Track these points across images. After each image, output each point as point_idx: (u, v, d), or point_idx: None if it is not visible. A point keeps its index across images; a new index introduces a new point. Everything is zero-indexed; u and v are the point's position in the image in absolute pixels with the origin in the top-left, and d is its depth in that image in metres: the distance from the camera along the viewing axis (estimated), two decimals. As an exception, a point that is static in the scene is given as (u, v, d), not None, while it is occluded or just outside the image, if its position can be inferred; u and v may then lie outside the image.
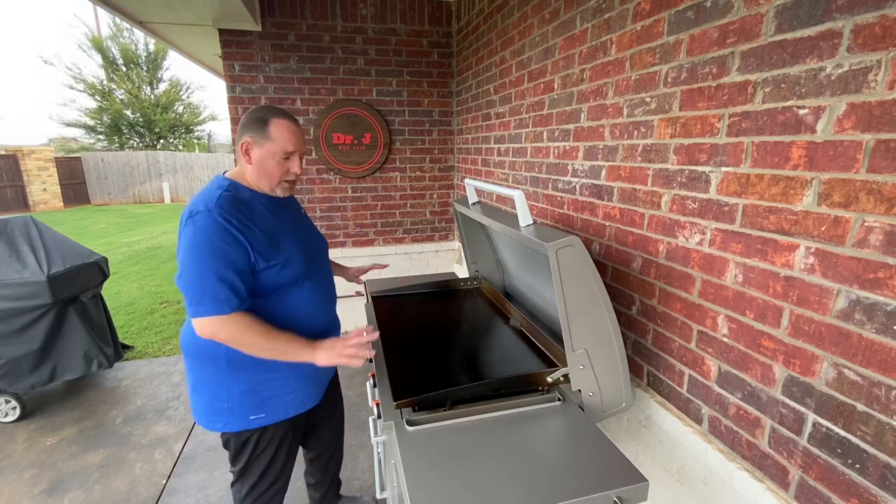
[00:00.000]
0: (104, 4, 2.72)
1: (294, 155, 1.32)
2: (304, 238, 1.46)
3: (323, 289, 1.49)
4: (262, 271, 1.26)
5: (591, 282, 1.20)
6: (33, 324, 2.64)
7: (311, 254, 1.46)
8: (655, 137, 1.35)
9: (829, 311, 0.91)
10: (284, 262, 1.30)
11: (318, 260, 1.52)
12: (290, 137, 1.29)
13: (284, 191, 1.37)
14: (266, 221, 1.30)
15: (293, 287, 1.36)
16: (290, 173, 1.34)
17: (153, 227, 10.30)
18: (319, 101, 3.36)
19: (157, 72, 17.36)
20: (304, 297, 1.39)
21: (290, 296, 1.36)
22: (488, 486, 0.99)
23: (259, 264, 1.24)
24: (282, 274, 1.30)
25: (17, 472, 2.31)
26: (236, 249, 1.19)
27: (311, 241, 1.51)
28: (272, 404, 1.40)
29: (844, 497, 0.91)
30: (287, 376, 1.40)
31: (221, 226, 1.17)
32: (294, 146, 1.31)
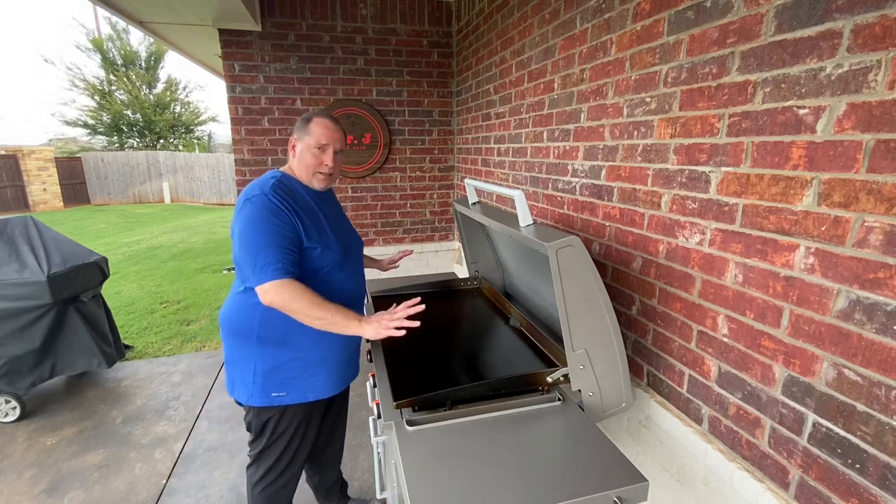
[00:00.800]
0: (104, 4, 2.72)
1: (327, 148, 1.44)
2: (342, 231, 1.56)
3: (355, 281, 1.58)
4: (307, 250, 1.38)
5: (591, 282, 1.20)
6: (33, 324, 2.63)
7: (348, 246, 1.55)
8: (655, 137, 1.35)
9: (829, 311, 0.91)
10: (325, 246, 1.42)
11: (353, 254, 1.60)
12: (324, 132, 1.43)
13: (320, 182, 1.48)
14: (310, 208, 1.44)
15: (330, 272, 1.45)
16: (323, 165, 1.45)
17: (153, 227, 10.30)
18: (319, 101, 3.36)
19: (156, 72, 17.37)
20: (338, 285, 1.48)
21: (327, 280, 1.44)
22: (488, 486, 0.99)
23: (305, 242, 1.37)
24: (322, 257, 1.41)
25: (17, 472, 2.31)
26: (289, 226, 1.33)
27: (349, 236, 1.60)
28: (294, 385, 1.47)
29: (844, 497, 0.91)
30: (311, 359, 1.47)
31: (275, 205, 1.33)
32: (327, 139, 1.43)
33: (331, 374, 1.54)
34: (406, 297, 2.14)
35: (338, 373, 1.57)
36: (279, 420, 1.51)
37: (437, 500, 0.95)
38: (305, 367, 1.47)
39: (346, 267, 1.53)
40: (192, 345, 3.88)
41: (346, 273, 1.52)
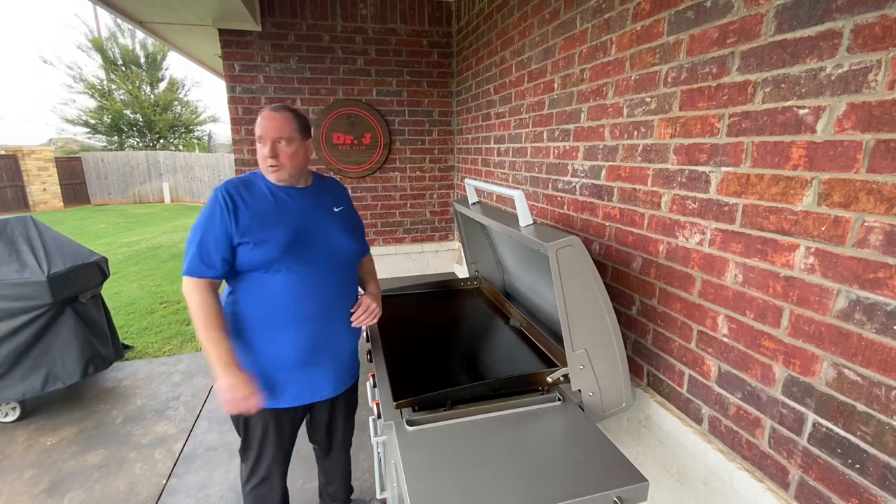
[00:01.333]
0: (104, 4, 2.72)
1: (265, 140, 1.37)
2: (309, 229, 1.44)
3: (309, 286, 1.43)
4: (237, 246, 1.36)
5: (591, 282, 1.20)
6: (32, 324, 2.63)
7: (310, 247, 1.43)
8: (655, 137, 1.35)
9: (829, 311, 0.91)
10: (258, 243, 1.35)
11: (320, 256, 1.45)
12: (261, 122, 1.37)
13: (270, 175, 1.42)
14: (262, 204, 1.39)
15: (265, 271, 1.38)
16: (265, 158, 1.38)
17: (153, 227, 10.30)
18: (319, 101, 3.36)
19: (157, 72, 17.37)
20: (277, 286, 1.39)
21: (257, 279, 1.39)
22: (488, 485, 0.99)
23: (235, 238, 1.35)
24: (253, 253, 1.36)
25: (17, 472, 2.31)
26: (221, 224, 1.34)
27: (321, 236, 1.46)
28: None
29: (844, 497, 0.91)
30: (263, 361, 1.43)
31: (217, 202, 1.35)
32: (262, 130, 1.36)
33: (290, 384, 1.47)
34: (406, 297, 2.16)
35: (297, 383, 1.48)
36: (248, 420, 1.50)
37: (437, 500, 0.95)
38: (260, 370, 1.42)
39: (292, 270, 1.39)
40: (192, 345, 3.88)
41: (293, 278, 1.40)
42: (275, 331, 1.41)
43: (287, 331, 1.42)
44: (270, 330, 1.41)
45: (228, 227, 1.33)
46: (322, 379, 1.53)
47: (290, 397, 1.49)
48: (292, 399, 1.49)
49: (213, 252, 1.33)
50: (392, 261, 3.76)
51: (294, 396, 1.49)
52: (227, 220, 1.33)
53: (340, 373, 1.59)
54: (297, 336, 1.43)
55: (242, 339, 1.42)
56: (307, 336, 1.44)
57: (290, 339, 1.42)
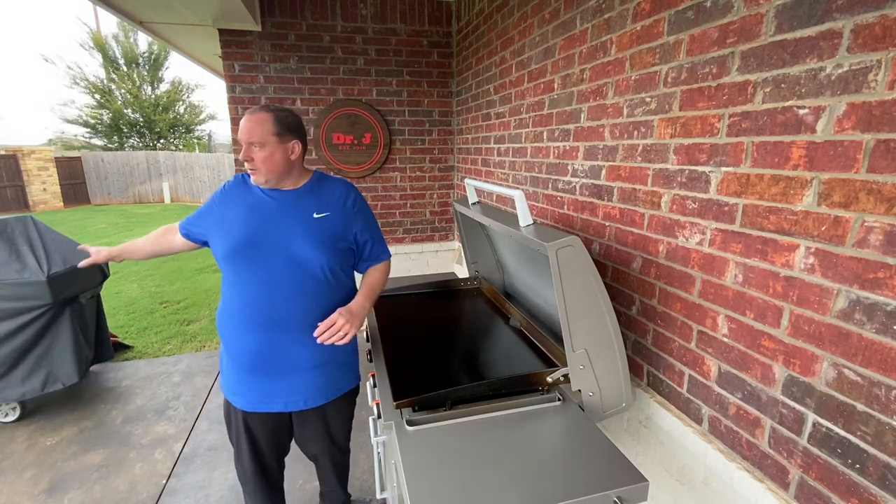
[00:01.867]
0: (104, 4, 2.72)
1: (243, 144, 1.37)
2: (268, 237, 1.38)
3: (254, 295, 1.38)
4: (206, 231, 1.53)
5: (591, 282, 1.20)
6: (32, 323, 2.63)
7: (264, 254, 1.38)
8: (655, 137, 1.35)
9: (829, 311, 0.91)
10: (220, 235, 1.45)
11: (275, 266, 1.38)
12: (240, 128, 1.38)
13: (252, 177, 1.44)
14: (237, 203, 1.46)
15: (225, 269, 1.45)
16: (245, 162, 1.39)
17: (153, 227, 10.27)
18: (319, 101, 3.36)
19: (158, 72, 17.36)
20: (227, 281, 1.46)
21: (226, 277, 1.47)
22: (488, 485, 0.99)
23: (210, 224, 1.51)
24: (215, 244, 1.47)
25: (17, 472, 2.31)
26: (210, 205, 1.52)
27: (281, 245, 1.38)
28: (223, 377, 1.55)
29: (844, 497, 0.91)
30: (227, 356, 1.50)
31: (220, 189, 1.53)
32: (239, 134, 1.38)
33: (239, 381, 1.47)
34: (406, 297, 2.16)
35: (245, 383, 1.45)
36: (227, 411, 1.59)
37: (437, 500, 0.95)
38: (225, 360, 1.52)
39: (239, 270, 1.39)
40: (192, 345, 3.88)
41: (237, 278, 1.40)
42: (232, 329, 1.45)
43: (238, 332, 1.44)
44: (229, 328, 1.46)
45: (210, 211, 1.51)
46: (273, 391, 1.46)
47: (243, 400, 1.50)
48: (244, 402, 1.49)
49: (194, 216, 1.55)
50: (392, 261, 3.75)
51: (245, 400, 1.49)
52: (213, 207, 1.50)
53: (295, 389, 1.47)
54: (245, 340, 1.43)
55: (219, 332, 1.51)
56: (252, 342, 1.41)
57: (240, 341, 1.44)
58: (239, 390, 1.49)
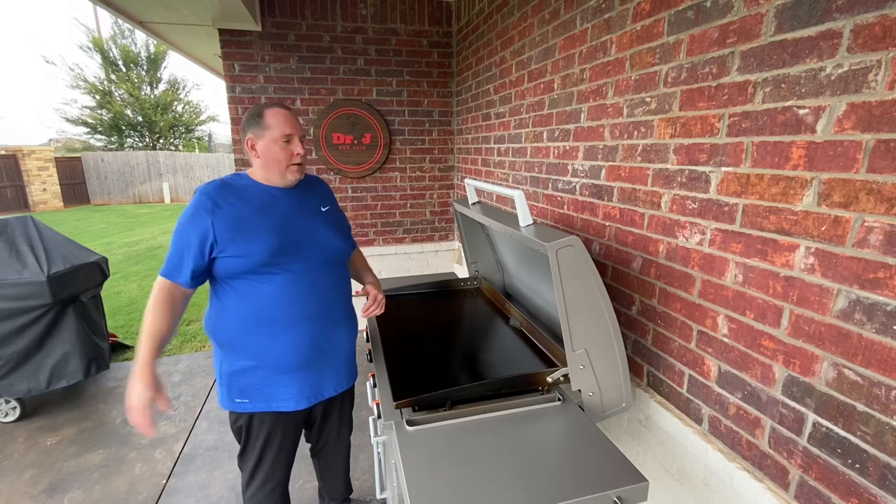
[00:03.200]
0: (104, 4, 2.72)
1: (293, 137, 1.38)
2: (299, 231, 1.41)
3: (303, 287, 1.40)
4: (221, 255, 1.33)
5: (591, 282, 1.20)
6: (33, 324, 2.63)
7: (301, 248, 1.40)
8: (655, 137, 1.35)
9: (829, 311, 0.91)
10: (240, 253, 1.32)
11: (313, 256, 1.43)
12: (285, 121, 1.37)
13: (294, 174, 1.42)
14: (250, 206, 1.36)
15: (254, 276, 1.35)
16: (295, 156, 1.39)
17: (153, 227, 10.30)
18: (319, 101, 3.36)
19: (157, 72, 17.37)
20: (271, 290, 1.36)
21: (247, 285, 1.36)
22: (488, 486, 0.99)
23: (217, 247, 1.32)
24: (241, 258, 1.33)
25: (17, 472, 2.31)
26: (197, 230, 1.30)
27: (312, 236, 1.44)
28: (255, 393, 1.43)
29: (844, 497, 0.91)
30: (266, 367, 1.41)
31: (197, 206, 1.31)
32: (291, 128, 1.37)
33: (291, 385, 1.45)
34: (406, 297, 2.16)
35: (297, 384, 1.45)
36: (249, 427, 1.49)
37: (437, 500, 0.95)
38: (262, 376, 1.41)
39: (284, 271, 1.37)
40: (192, 345, 3.88)
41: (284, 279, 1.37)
42: (273, 334, 1.38)
43: (285, 333, 1.39)
44: (268, 334, 1.38)
45: (207, 235, 1.29)
46: (324, 378, 1.52)
47: (295, 400, 1.46)
48: (296, 402, 1.46)
49: (186, 261, 1.31)
50: (392, 261, 3.76)
51: (298, 399, 1.47)
52: (207, 228, 1.29)
53: (341, 371, 1.57)
54: (295, 338, 1.41)
55: (237, 348, 1.39)
56: (306, 337, 1.43)
57: (289, 341, 1.40)
58: (288, 393, 1.44)
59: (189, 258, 1.31)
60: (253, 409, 1.45)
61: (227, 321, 1.39)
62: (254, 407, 1.44)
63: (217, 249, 1.31)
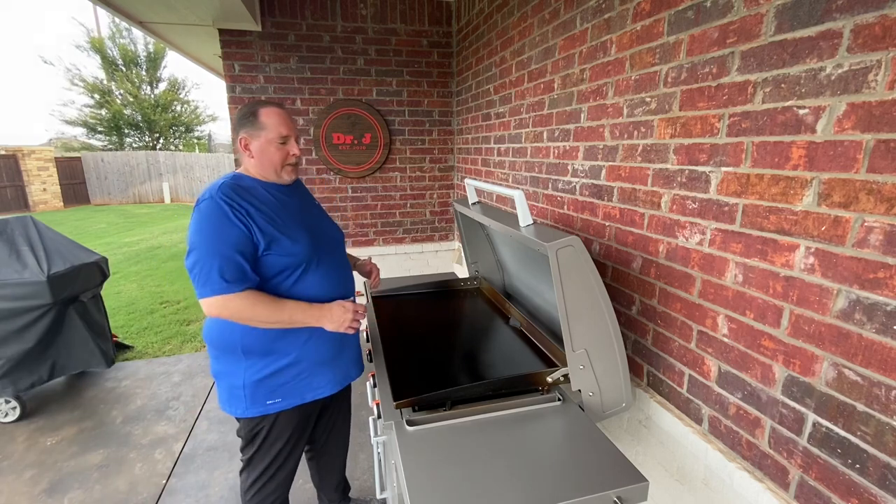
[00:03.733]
0: (104, 4, 2.72)
1: (289, 138, 1.38)
2: (313, 224, 1.47)
3: (334, 277, 1.47)
4: (265, 253, 1.30)
5: (591, 282, 1.20)
6: (33, 324, 2.63)
7: (322, 240, 1.46)
8: (655, 137, 1.35)
9: (829, 311, 0.91)
10: (288, 245, 1.33)
11: (331, 248, 1.50)
12: (281, 122, 1.36)
13: (289, 174, 1.42)
14: (270, 206, 1.35)
15: (298, 271, 1.37)
16: (291, 156, 1.39)
17: (153, 227, 10.30)
18: (319, 101, 3.36)
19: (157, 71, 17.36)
20: (312, 283, 1.40)
21: (297, 280, 1.38)
22: (488, 486, 0.99)
23: (262, 245, 1.28)
24: (285, 257, 1.33)
25: (17, 472, 2.31)
26: (238, 231, 1.24)
27: (322, 229, 1.50)
28: (288, 390, 1.43)
29: (844, 497, 0.91)
30: (303, 363, 1.43)
31: (223, 210, 1.24)
32: (288, 129, 1.37)
33: (326, 373, 1.49)
34: (406, 297, 2.16)
35: (331, 371, 1.51)
36: (271, 427, 1.47)
37: (437, 500, 0.95)
38: (298, 371, 1.43)
39: (322, 263, 1.42)
40: (192, 345, 3.88)
41: (322, 269, 1.42)
42: (313, 328, 1.40)
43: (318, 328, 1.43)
44: (308, 328, 1.40)
45: (249, 236, 1.25)
46: (350, 363, 1.58)
47: (330, 386, 1.51)
48: (331, 387, 1.51)
49: (242, 262, 1.24)
50: (392, 261, 3.76)
51: (332, 384, 1.51)
52: (243, 231, 1.24)
53: (357, 356, 1.64)
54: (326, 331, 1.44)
55: (275, 349, 1.38)
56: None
57: (327, 332, 1.43)
58: (321, 382, 1.48)
59: (248, 262, 1.26)
60: (286, 407, 1.44)
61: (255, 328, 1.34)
62: (287, 404, 1.44)
63: (262, 249, 1.28)
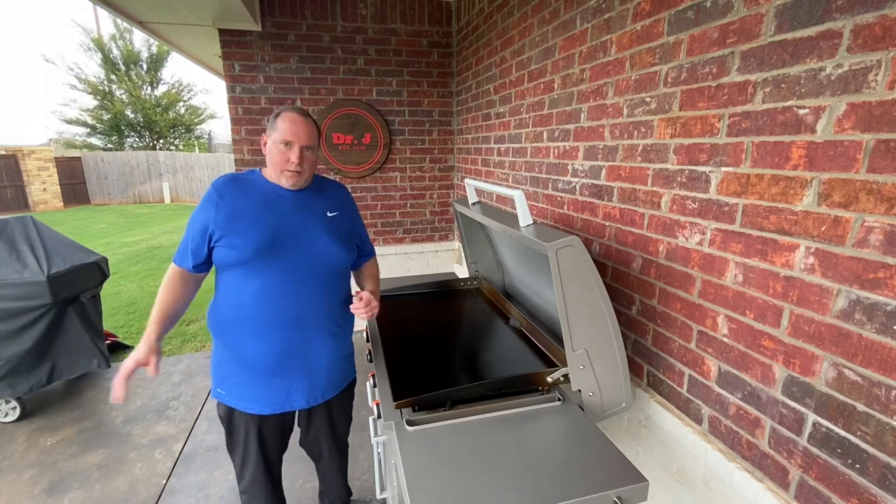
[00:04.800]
0: (104, 4, 2.72)
1: (293, 145, 1.36)
2: (292, 233, 1.39)
3: (279, 292, 1.38)
4: (216, 244, 1.37)
5: (591, 282, 1.20)
6: (33, 324, 2.63)
7: (289, 251, 1.38)
8: (655, 137, 1.35)
9: (829, 311, 0.91)
10: (231, 244, 1.35)
11: (300, 261, 1.40)
12: (289, 127, 1.35)
13: (288, 179, 1.40)
14: (250, 201, 1.38)
15: (236, 271, 1.38)
16: (289, 163, 1.36)
17: (153, 227, 10.30)
18: (319, 101, 3.36)
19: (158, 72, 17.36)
20: (251, 288, 1.37)
21: (235, 279, 1.39)
22: (488, 486, 0.99)
23: (215, 234, 1.36)
24: (231, 250, 1.36)
25: (17, 472, 2.31)
26: (203, 219, 1.36)
27: (304, 241, 1.41)
28: (229, 386, 1.46)
29: (844, 497, 0.91)
30: (238, 363, 1.43)
31: (205, 198, 1.38)
32: (292, 136, 1.35)
33: (258, 388, 1.43)
34: (406, 297, 2.16)
35: (265, 389, 1.43)
36: (230, 419, 1.50)
37: (437, 500, 0.95)
38: (236, 371, 1.42)
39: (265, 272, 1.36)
40: (192, 345, 3.88)
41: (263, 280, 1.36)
42: (247, 333, 1.39)
43: (258, 335, 1.39)
44: (243, 332, 1.39)
45: (208, 224, 1.35)
46: (293, 389, 1.47)
47: (260, 404, 1.45)
48: (262, 406, 1.45)
49: (190, 246, 1.37)
50: (392, 261, 3.76)
51: (263, 404, 1.45)
52: (209, 218, 1.34)
53: (315, 384, 1.51)
54: (268, 341, 1.39)
55: (222, 339, 1.43)
56: (278, 342, 1.40)
57: (261, 343, 1.39)
58: (256, 395, 1.44)
59: (192, 245, 1.37)
60: (228, 403, 1.48)
61: (217, 310, 1.44)
62: (229, 400, 1.47)
63: (214, 238, 1.36)
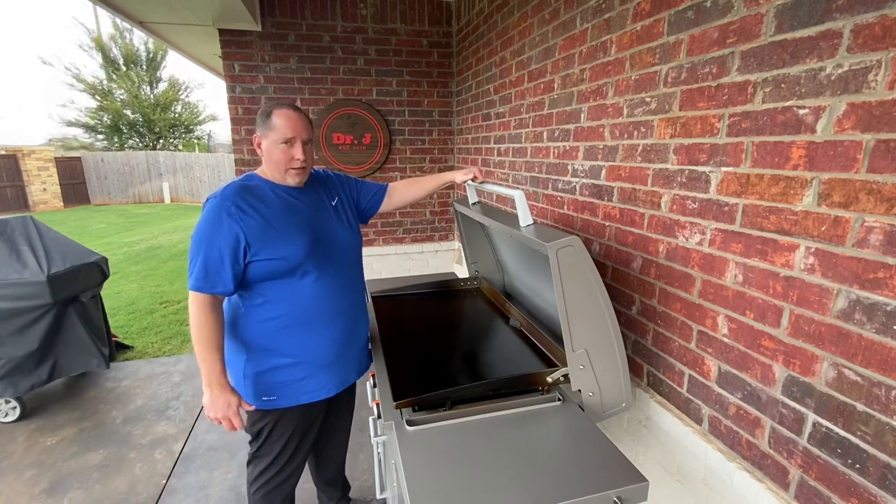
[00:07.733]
0: (104, 4, 2.72)
1: (295, 141, 1.35)
2: (321, 229, 1.45)
3: (337, 284, 1.47)
4: (255, 259, 1.32)
5: (591, 282, 1.20)
6: (33, 324, 2.63)
7: (326, 245, 1.45)
8: (655, 137, 1.35)
9: (829, 311, 0.91)
10: (281, 248, 1.34)
11: (338, 253, 1.49)
12: (287, 124, 1.34)
13: (294, 177, 1.40)
14: (274, 208, 1.36)
15: (291, 277, 1.38)
16: (294, 160, 1.37)
17: (153, 227, 10.30)
18: (319, 101, 3.36)
19: (157, 71, 17.36)
20: (306, 289, 1.40)
21: (282, 287, 1.38)
22: (488, 486, 0.99)
23: (252, 248, 1.31)
24: (277, 261, 1.34)
25: (17, 472, 2.31)
26: (228, 236, 1.28)
27: (331, 234, 1.48)
28: (284, 389, 1.44)
29: (844, 497, 0.91)
30: (301, 364, 1.45)
31: (219, 213, 1.29)
32: (293, 132, 1.34)
33: (324, 376, 1.49)
34: (406, 297, 2.16)
35: (330, 374, 1.51)
36: (275, 424, 1.49)
37: (437, 500, 0.95)
38: (295, 371, 1.44)
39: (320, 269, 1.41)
40: (191, 345, 3.88)
41: (320, 275, 1.41)
42: (312, 332, 1.43)
43: (324, 330, 1.45)
44: (307, 332, 1.43)
45: (240, 240, 1.28)
46: (350, 366, 1.59)
47: (326, 389, 1.51)
48: (328, 390, 1.52)
49: (221, 267, 1.28)
50: (392, 261, 3.76)
51: (329, 388, 1.52)
52: (238, 233, 1.28)
53: (361, 358, 1.65)
54: (332, 332, 1.47)
55: (273, 348, 1.41)
56: (340, 330, 1.50)
57: (327, 337, 1.46)
58: (321, 383, 1.49)
59: (227, 266, 1.28)
60: (280, 406, 1.46)
61: (255, 324, 1.39)
62: (282, 403, 1.46)
63: (251, 253, 1.30)
